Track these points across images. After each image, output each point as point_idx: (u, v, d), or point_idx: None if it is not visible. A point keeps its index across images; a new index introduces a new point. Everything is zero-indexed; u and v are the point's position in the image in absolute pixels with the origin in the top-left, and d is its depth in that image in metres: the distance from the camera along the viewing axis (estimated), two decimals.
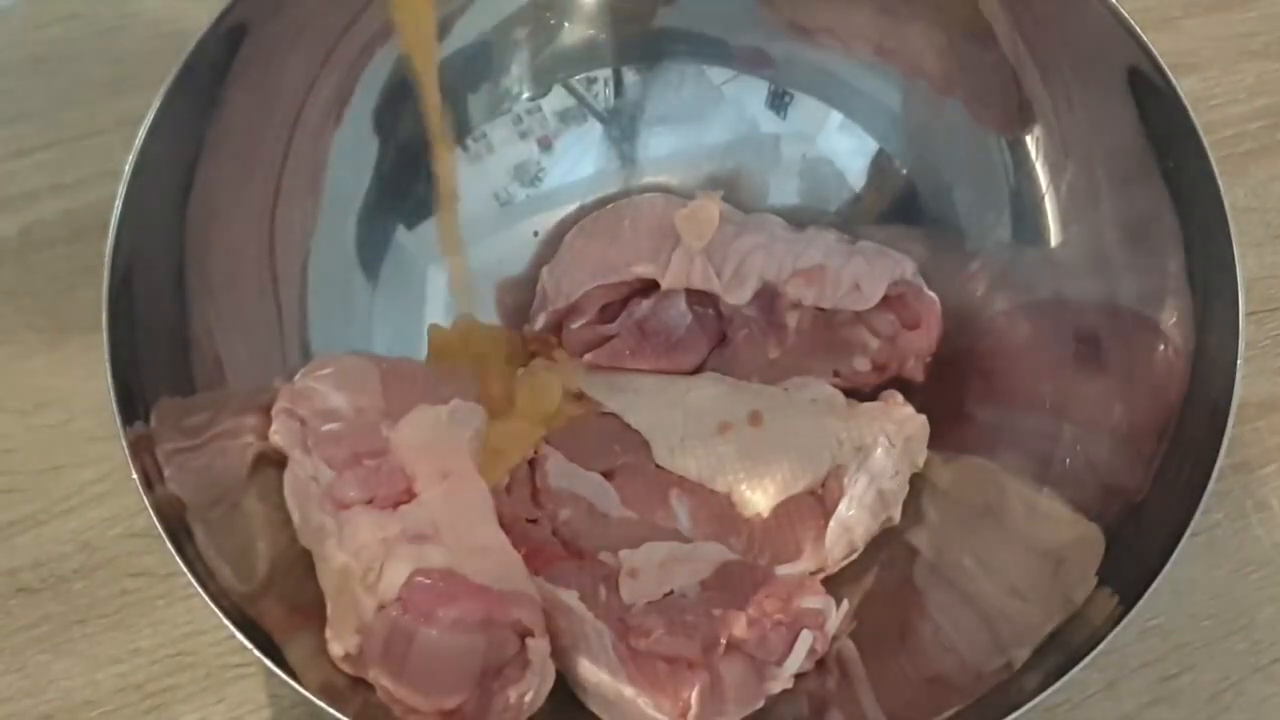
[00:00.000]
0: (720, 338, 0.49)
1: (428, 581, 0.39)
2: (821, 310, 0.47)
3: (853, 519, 0.44)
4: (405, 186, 0.48)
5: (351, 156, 0.47)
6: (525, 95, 0.49)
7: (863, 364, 0.48)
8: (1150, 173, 0.43)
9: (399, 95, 0.47)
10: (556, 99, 0.50)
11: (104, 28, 0.53)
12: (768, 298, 0.47)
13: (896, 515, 0.45)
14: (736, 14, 0.49)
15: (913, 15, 0.47)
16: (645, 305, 0.48)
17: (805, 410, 0.47)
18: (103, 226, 0.39)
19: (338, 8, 0.45)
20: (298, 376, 0.44)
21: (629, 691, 0.40)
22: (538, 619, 0.40)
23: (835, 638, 0.43)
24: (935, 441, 0.46)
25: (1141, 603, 0.38)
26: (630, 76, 0.50)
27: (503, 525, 0.41)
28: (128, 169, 0.39)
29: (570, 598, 0.41)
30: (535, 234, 0.50)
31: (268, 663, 0.36)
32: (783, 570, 0.44)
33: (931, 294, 0.48)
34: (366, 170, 0.47)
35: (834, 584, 0.44)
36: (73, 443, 0.47)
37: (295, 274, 0.46)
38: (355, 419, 0.43)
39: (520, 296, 0.49)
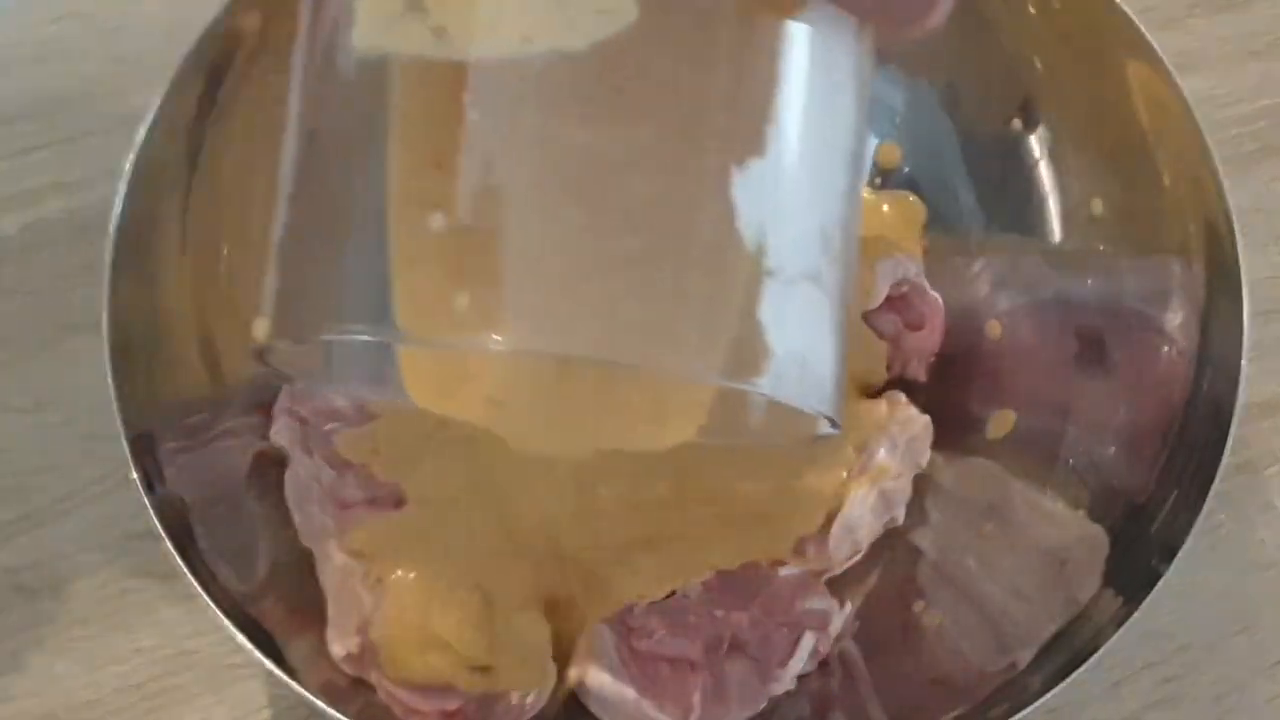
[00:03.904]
0: None
1: None
2: None
3: (856, 520, 0.44)
4: None
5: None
6: None
7: None
8: (1154, 173, 0.43)
9: None
10: None
11: (106, 27, 0.53)
12: None
13: (900, 516, 0.45)
14: None
15: None
16: None
17: None
18: (104, 225, 0.39)
19: None
20: None
21: (630, 693, 0.40)
22: None
23: (838, 639, 0.43)
24: (938, 442, 0.46)
25: (1145, 604, 0.38)
26: None
27: None
28: (129, 168, 0.39)
29: None
30: None
31: (268, 663, 0.36)
32: (785, 571, 0.44)
33: (935, 294, 0.48)
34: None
35: (837, 585, 0.44)
36: (73, 442, 0.47)
37: None
38: (357, 419, 0.43)
39: None
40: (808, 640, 0.42)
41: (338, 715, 0.36)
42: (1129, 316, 0.44)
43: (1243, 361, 0.40)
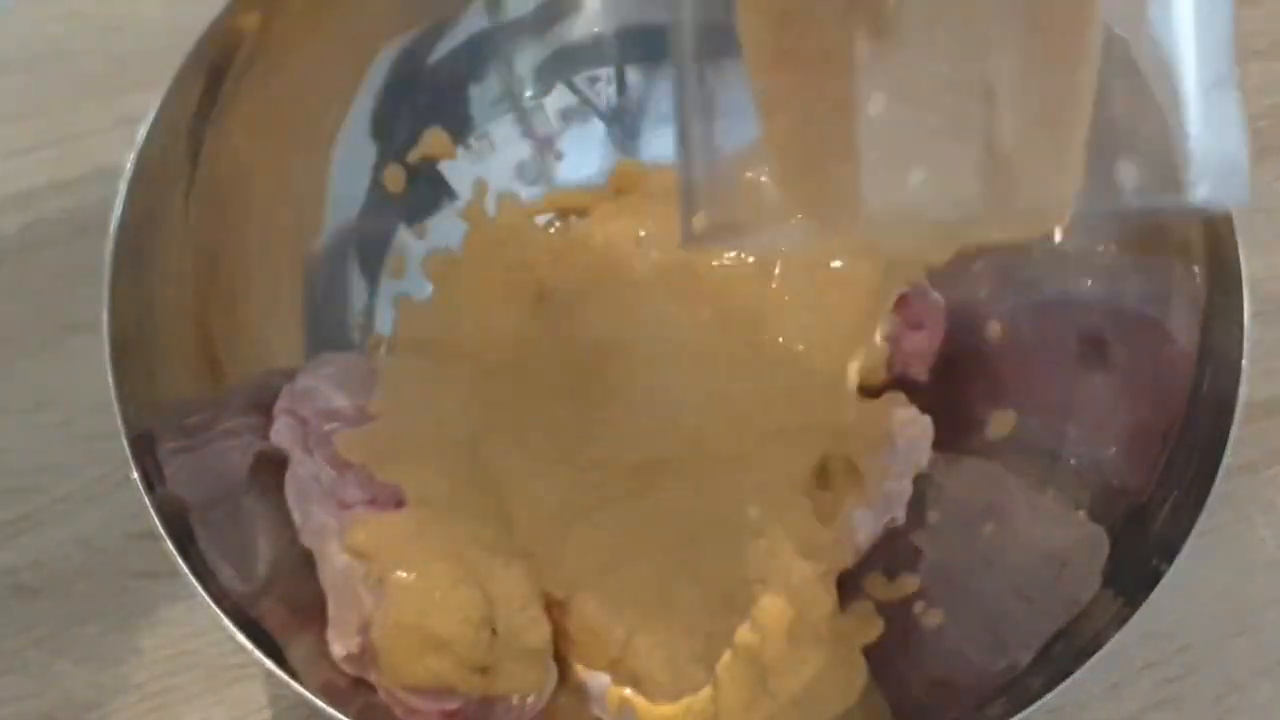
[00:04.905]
0: None
1: None
2: None
3: (856, 520, 0.44)
4: (407, 185, 0.48)
5: (354, 155, 0.46)
6: (528, 94, 0.49)
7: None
8: None
9: (402, 94, 0.47)
10: (559, 97, 0.50)
11: (106, 26, 0.53)
12: None
13: (900, 516, 0.45)
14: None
15: None
16: None
17: None
18: (103, 225, 0.39)
19: (340, 6, 0.44)
20: (299, 376, 0.43)
21: (631, 692, 0.40)
22: None
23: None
24: (939, 442, 0.46)
25: (1145, 604, 0.38)
26: (633, 75, 0.50)
27: None
28: (128, 168, 0.39)
29: None
30: None
31: (268, 663, 0.36)
32: None
33: (936, 294, 0.48)
34: (368, 169, 0.47)
35: (837, 586, 0.44)
36: (73, 442, 0.47)
37: (297, 273, 0.45)
38: (357, 419, 0.43)
39: None
40: None
41: (338, 715, 0.35)
42: (1130, 317, 0.44)
43: (1243, 361, 0.39)
